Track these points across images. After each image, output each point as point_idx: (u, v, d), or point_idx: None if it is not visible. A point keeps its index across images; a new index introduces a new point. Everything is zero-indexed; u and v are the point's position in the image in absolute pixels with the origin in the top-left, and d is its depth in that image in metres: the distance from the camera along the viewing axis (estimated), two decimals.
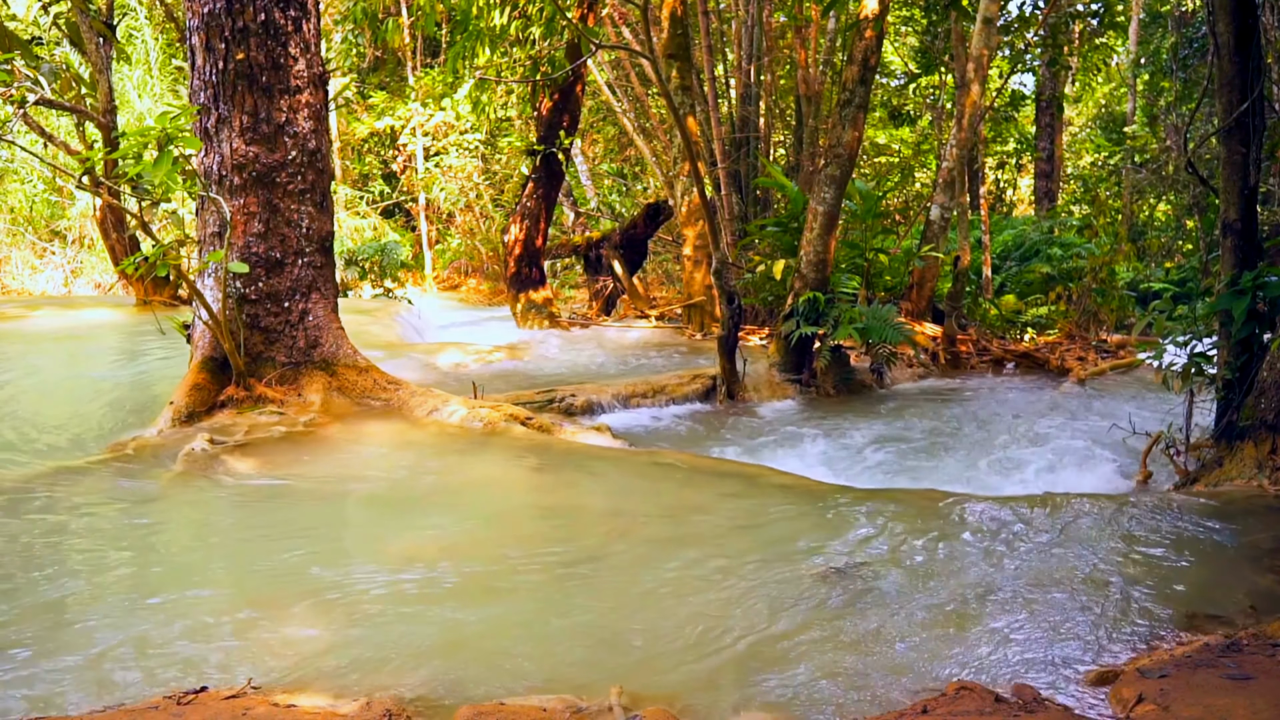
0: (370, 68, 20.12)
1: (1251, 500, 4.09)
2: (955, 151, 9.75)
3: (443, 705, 2.43)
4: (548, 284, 11.80)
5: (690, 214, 10.38)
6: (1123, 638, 2.79)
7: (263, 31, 5.23)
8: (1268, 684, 2.29)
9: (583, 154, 17.01)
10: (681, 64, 10.08)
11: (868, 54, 7.61)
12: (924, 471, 5.65)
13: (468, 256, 18.67)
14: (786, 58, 14.22)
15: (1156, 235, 16.66)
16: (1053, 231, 14.24)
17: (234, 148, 5.27)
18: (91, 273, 15.60)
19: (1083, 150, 22.13)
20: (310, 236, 5.52)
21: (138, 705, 2.35)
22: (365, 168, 20.46)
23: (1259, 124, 4.61)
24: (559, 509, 4.24)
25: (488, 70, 11.45)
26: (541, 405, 6.57)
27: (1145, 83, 17.97)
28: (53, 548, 3.60)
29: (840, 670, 2.63)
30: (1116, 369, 8.84)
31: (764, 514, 4.13)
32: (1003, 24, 11.99)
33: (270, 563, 3.49)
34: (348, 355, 5.69)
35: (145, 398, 6.13)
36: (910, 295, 10.38)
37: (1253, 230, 4.67)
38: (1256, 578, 3.21)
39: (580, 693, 2.46)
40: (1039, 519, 3.79)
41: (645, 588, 3.24)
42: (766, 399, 7.46)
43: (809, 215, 7.90)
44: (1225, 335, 4.74)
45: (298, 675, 2.58)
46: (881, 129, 18.24)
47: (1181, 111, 14.18)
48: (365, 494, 4.40)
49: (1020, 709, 2.27)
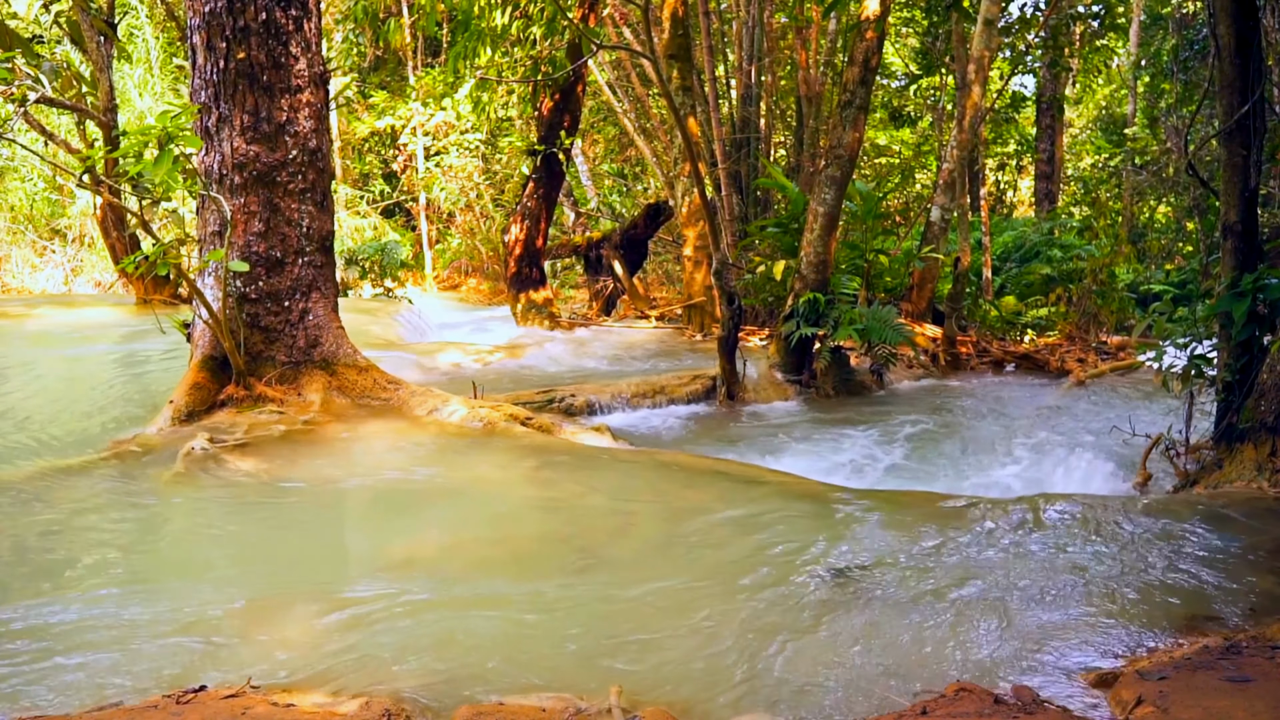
0: (371, 67, 20.12)
1: (1251, 502, 4.08)
2: (956, 153, 9.75)
3: (442, 705, 2.43)
4: (548, 284, 11.80)
5: (691, 214, 10.38)
6: (1122, 639, 2.79)
7: (264, 30, 5.23)
8: (1267, 686, 2.29)
9: (583, 154, 17.01)
10: (682, 64, 10.09)
11: (869, 55, 7.61)
12: (923, 472, 5.65)
13: (468, 256, 18.67)
14: (787, 58, 14.22)
15: (1157, 237, 16.66)
16: (1053, 233, 14.25)
17: (235, 147, 5.27)
18: (91, 271, 15.61)
19: (1083, 152, 22.13)
20: (311, 236, 5.52)
21: (137, 704, 2.35)
22: (366, 167, 20.46)
23: (1260, 126, 4.61)
24: (559, 509, 4.23)
25: (489, 70, 11.45)
26: (541, 405, 6.57)
27: (1146, 84, 17.97)
28: (52, 546, 3.60)
29: (839, 671, 2.63)
30: (1116, 371, 8.84)
31: (764, 514, 4.13)
32: (1004, 25, 12.01)
33: (270, 561, 3.49)
34: (348, 354, 5.69)
35: (145, 397, 6.13)
36: (910, 296, 10.39)
37: (1253, 232, 4.67)
38: (1256, 580, 3.21)
39: (580, 693, 2.46)
40: (1038, 520, 3.79)
41: (645, 588, 3.24)
42: (766, 399, 7.46)
43: (809, 216, 7.90)
44: (1225, 337, 4.74)
45: (297, 674, 2.58)
46: (882, 130, 18.25)
47: (1182, 113, 14.18)
48: (365, 493, 4.40)
49: (1019, 710, 2.27)
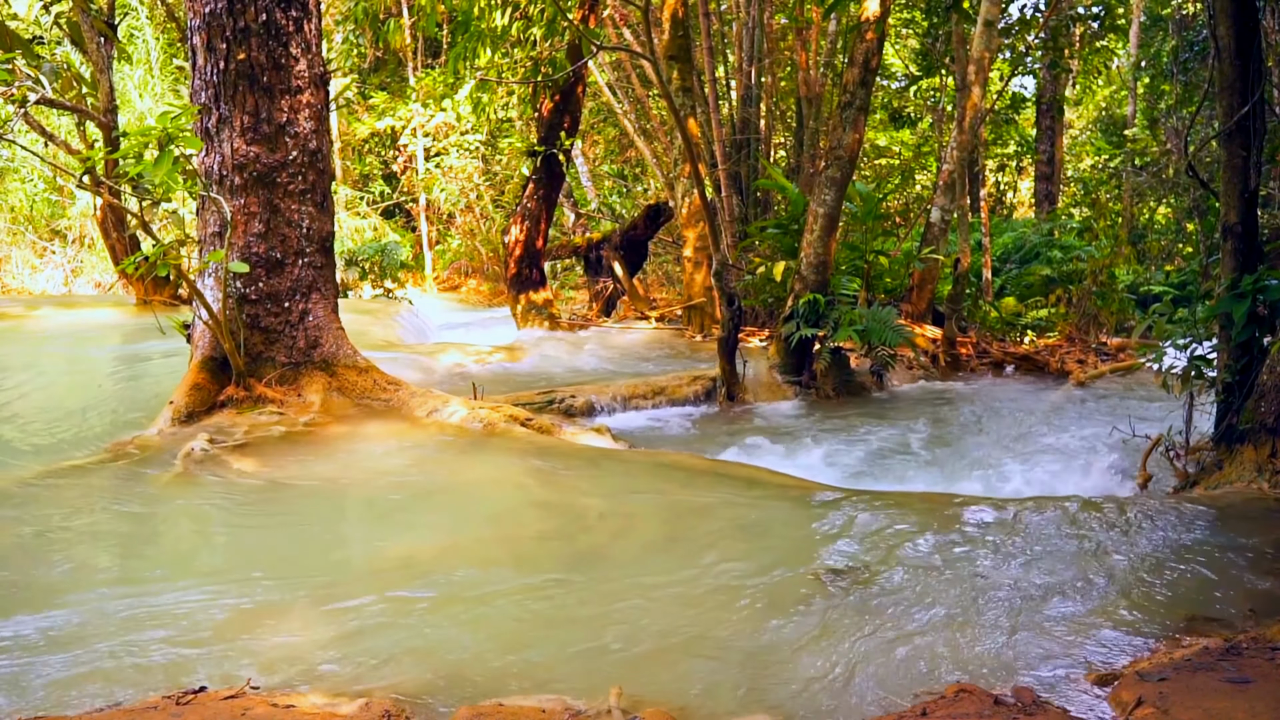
0: (371, 68, 20.13)
1: (1251, 503, 4.09)
2: (956, 154, 9.75)
3: (442, 705, 2.43)
4: (548, 285, 11.80)
5: (691, 215, 10.38)
6: (1122, 640, 2.79)
7: (264, 31, 5.23)
8: (1267, 688, 2.29)
9: (583, 155, 17.01)
10: (682, 65, 10.09)
11: (869, 56, 7.61)
12: (923, 473, 5.65)
13: (468, 257, 18.67)
14: (787, 60, 14.23)
15: (1157, 238, 16.66)
16: (1053, 234, 14.25)
17: (235, 148, 5.27)
18: (91, 272, 15.61)
19: (1083, 153, 22.14)
20: (311, 237, 5.52)
21: (136, 705, 2.35)
22: (366, 168, 20.47)
23: (1259, 127, 4.61)
24: (559, 509, 4.23)
25: (489, 71, 11.45)
26: (541, 406, 6.58)
27: (1146, 86, 17.98)
28: (51, 547, 3.59)
29: (839, 672, 2.63)
30: (1116, 372, 8.84)
31: (763, 515, 4.13)
32: (1004, 26, 12.02)
33: (269, 562, 3.49)
34: (348, 355, 5.69)
35: (145, 397, 6.13)
36: (910, 297, 10.39)
37: (1253, 233, 4.67)
38: (1256, 581, 3.21)
39: (579, 694, 2.46)
40: (1038, 521, 3.79)
41: (645, 589, 3.24)
42: (766, 400, 7.46)
43: (809, 217, 7.90)
44: (1225, 338, 4.74)
45: (297, 675, 2.58)
46: (882, 131, 18.25)
47: (1182, 114, 14.18)
48: (365, 494, 4.40)
49: (1019, 711, 2.27)
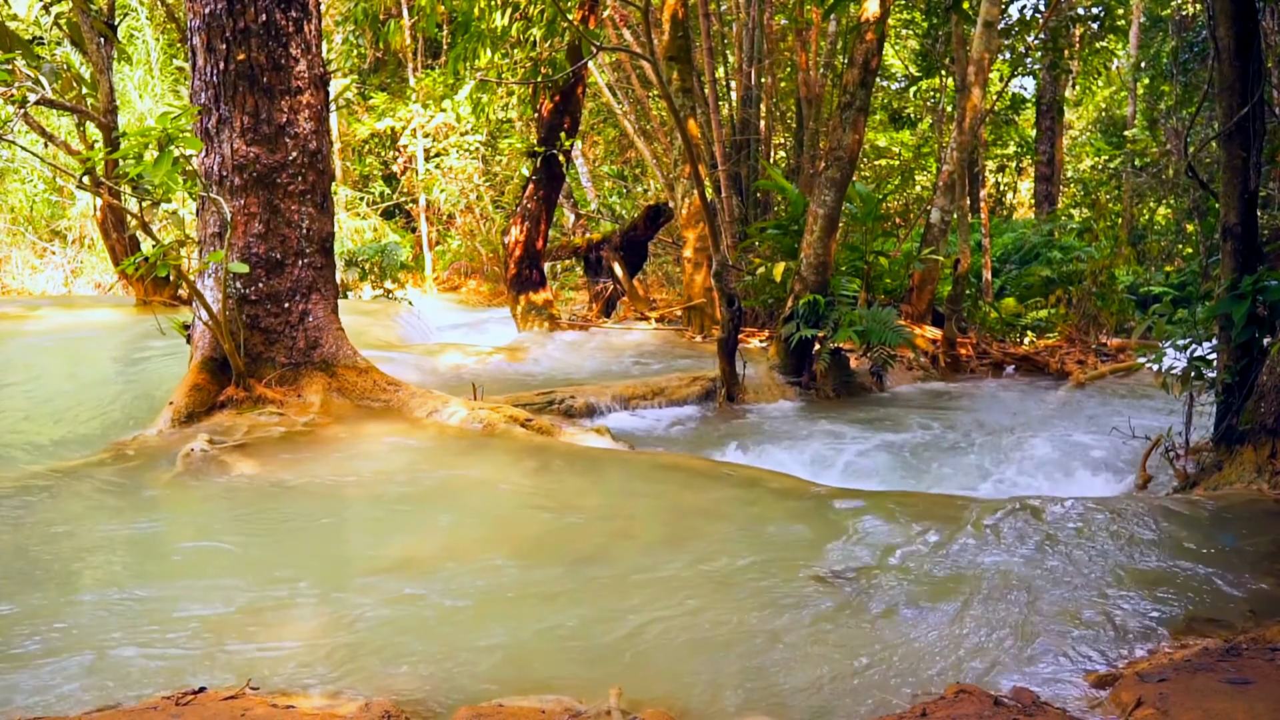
0: (371, 69, 20.13)
1: (1251, 504, 4.09)
2: (956, 154, 9.75)
3: (442, 706, 2.43)
4: (548, 285, 11.79)
5: (691, 216, 10.39)
6: (1122, 641, 2.78)
7: (264, 32, 5.23)
8: (1267, 689, 2.29)
9: (583, 156, 17.02)
10: (682, 66, 10.09)
11: (868, 57, 7.61)
12: (923, 474, 5.65)
13: (468, 258, 18.67)
14: (787, 60, 14.23)
15: (1156, 239, 16.67)
16: (1053, 235, 14.26)
17: (235, 148, 5.27)
18: (91, 273, 15.60)
19: (1083, 154, 22.15)
20: (311, 237, 5.52)
21: (136, 705, 2.35)
22: (366, 169, 20.47)
23: (1259, 128, 4.61)
24: (558, 510, 4.23)
25: (489, 72, 11.46)
26: (541, 407, 6.57)
27: (1145, 86, 17.99)
28: (51, 548, 3.59)
29: (839, 673, 2.63)
30: (1116, 372, 8.85)
31: (763, 516, 4.13)
32: (1003, 27, 12.03)
33: (269, 563, 3.49)
34: (348, 356, 5.69)
35: (145, 398, 6.12)
36: (910, 298, 10.40)
37: (1253, 234, 4.67)
38: (1256, 582, 3.21)
39: (579, 694, 2.46)
40: (1037, 522, 3.79)
41: (645, 590, 3.24)
42: (766, 401, 7.46)
43: (809, 218, 7.90)
44: (1225, 339, 4.74)
45: (296, 676, 2.58)
46: (882, 132, 18.25)
47: (1182, 115, 14.19)
48: (364, 495, 4.40)
49: (1019, 712, 2.27)
